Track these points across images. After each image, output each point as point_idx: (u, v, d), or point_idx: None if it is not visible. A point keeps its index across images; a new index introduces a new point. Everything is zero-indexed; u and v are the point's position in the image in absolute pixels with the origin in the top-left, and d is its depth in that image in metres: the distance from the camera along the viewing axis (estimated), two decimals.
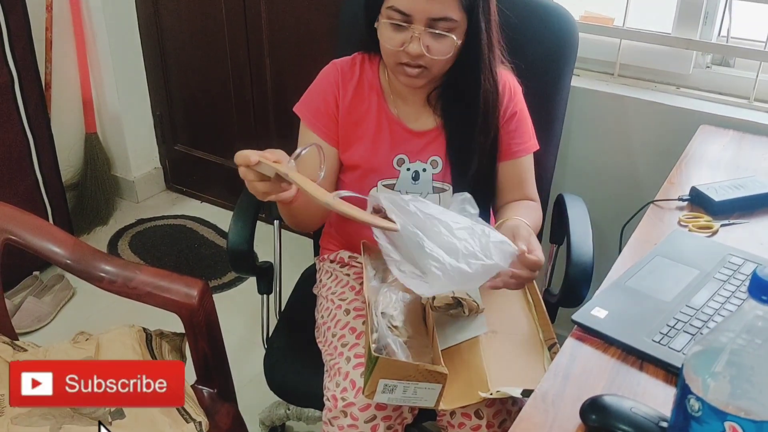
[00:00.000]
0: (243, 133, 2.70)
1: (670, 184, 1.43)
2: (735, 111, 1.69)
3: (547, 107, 1.54)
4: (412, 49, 1.21)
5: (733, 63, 1.79)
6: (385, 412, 1.20)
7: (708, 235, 1.26)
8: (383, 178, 1.38)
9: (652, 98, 1.75)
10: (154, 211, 2.84)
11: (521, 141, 1.38)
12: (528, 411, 0.91)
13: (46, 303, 2.26)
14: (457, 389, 1.13)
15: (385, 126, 1.37)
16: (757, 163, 1.50)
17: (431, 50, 1.22)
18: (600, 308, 1.05)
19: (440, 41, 1.22)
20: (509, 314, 1.26)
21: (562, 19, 1.52)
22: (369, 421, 1.19)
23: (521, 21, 1.47)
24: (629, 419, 0.85)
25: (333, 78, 1.38)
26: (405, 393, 1.10)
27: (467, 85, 1.30)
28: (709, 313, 1.04)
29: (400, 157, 1.37)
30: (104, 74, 2.68)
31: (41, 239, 1.35)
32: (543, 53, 1.51)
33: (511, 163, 1.39)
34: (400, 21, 1.21)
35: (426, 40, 1.21)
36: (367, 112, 1.37)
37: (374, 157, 1.37)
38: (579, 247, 1.37)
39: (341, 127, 1.38)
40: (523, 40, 1.48)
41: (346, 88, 1.37)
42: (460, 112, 1.33)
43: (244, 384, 1.46)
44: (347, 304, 1.36)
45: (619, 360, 0.99)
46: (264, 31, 2.42)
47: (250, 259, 1.45)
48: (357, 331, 1.30)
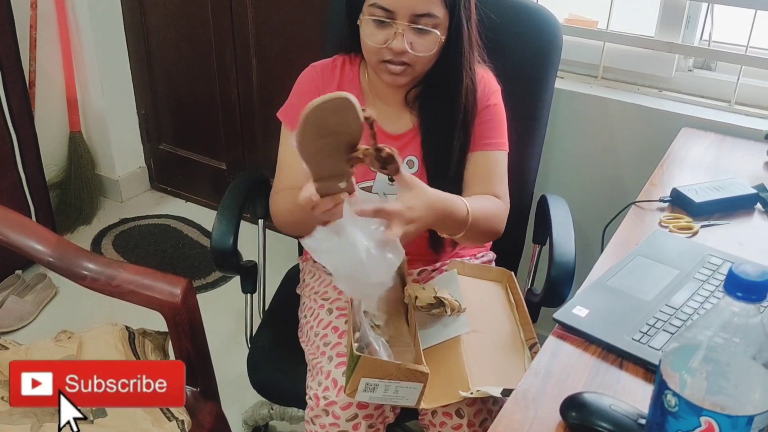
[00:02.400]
0: (228, 133, 2.69)
1: (652, 186, 1.44)
2: (716, 114, 1.72)
3: (531, 109, 1.55)
4: (395, 45, 1.21)
5: (714, 66, 1.81)
6: (366, 411, 1.20)
7: (688, 235, 1.28)
8: (360, 181, 1.35)
9: (634, 101, 1.77)
10: (138, 211, 2.83)
11: (494, 135, 1.36)
12: (509, 408, 0.92)
13: (29, 302, 2.24)
14: (438, 388, 1.13)
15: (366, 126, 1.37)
16: (738, 166, 1.52)
17: (415, 47, 1.22)
18: (581, 307, 1.06)
19: (424, 37, 1.22)
20: (491, 314, 1.26)
21: (546, 21, 1.53)
22: (350, 419, 1.20)
23: (505, 22, 1.48)
24: (608, 416, 0.86)
25: (313, 81, 1.38)
26: (386, 392, 1.10)
27: (448, 83, 1.30)
28: (688, 312, 1.05)
29: None
30: (89, 73, 2.67)
31: (23, 236, 1.34)
32: (527, 55, 1.52)
33: (480, 155, 1.35)
34: (383, 17, 1.21)
35: (409, 37, 1.21)
36: None
37: None
38: (561, 248, 1.37)
39: None
40: (508, 41, 1.49)
41: (326, 91, 1.35)
42: (438, 111, 1.32)
43: (227, 384, 1.46)
44: (330, 304, 1.37)
45: (599, 358, 1.00)
46: (250, 30, 2.42)
47: (234, 257, 1.45)
48: (339, 330, 1.30)
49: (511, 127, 1.41)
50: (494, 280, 1.35)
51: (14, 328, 2.18)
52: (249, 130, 2.63)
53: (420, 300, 1.20)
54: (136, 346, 1.35)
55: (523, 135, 1.50)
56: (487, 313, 1.26)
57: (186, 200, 2.92)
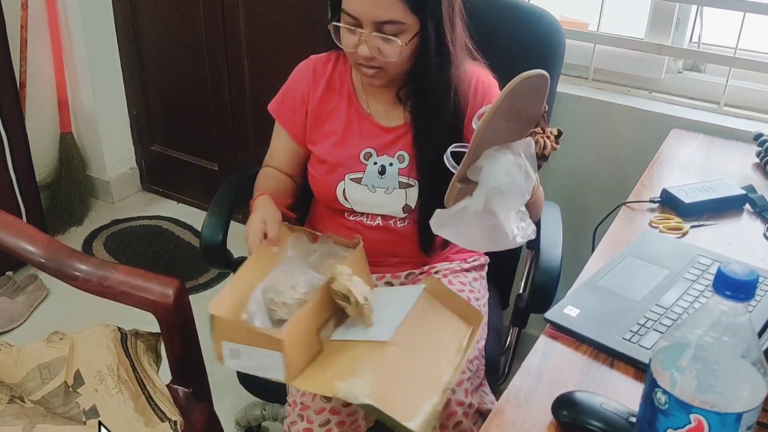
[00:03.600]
0: (220, 134, 2.69)
1: (642, 186, 1.45)
2: (705, 115, 1.73)
3: None
4: (361, 51, 1.23)
5: (704, 68, 1.83)
6: (339, 417, 1.20)
7: (678, 236, 1.29)
8: (350, 172, 1.38)
9: (625, 102, 1.78)
10: (130, 212, 2.82)
11: None
12: (500, 407, 0.93)
13: (20, 303, 2.23)
14: (321, 376, 1.07)
15: (355, 121, 1.39)
16: (727, 167, 1.53)
17: (382, 52, 1.23)
18: (572, 307, 1.07)
19: (390, 44, 1.22)
20: (428, 342, 1.14)
21: (550, 26, 1.53)
22: (323, 425, 1.20)
23: (508, 26, 1.51)
24: (599, 414, 0.86)
25: (305, 75, 1.41)
26: (251, 360, 1.07)
27: (429, 84, 1.30)
28: (678, 312, 1.06)
29: (367, 150, 1.38)
30: (80, 73, 2.66)
31: (15, 237, 1.34)
32: (529, 59, 1.50)
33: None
34: (350, 24, 1.23)
35: (376, 43, 1.22)
36: (337, 107, 1.39)
37: (341, 152, 1.39)
38: (547, 253, 1.38)
39: (309, 121, 1.41)
40: (510, 45, 1.51)
41: (317, 84, 1.40)
42: (427, 109, 1.34)
43: (219, 384, 1.46)
44: None
45: (590, 357, 1.01)
46: (242, 31, 2.42)
47: (223, 253, 1.45)
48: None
49: None
50: (463, 317, 1.18)
51: (5, 330, 2.18)
52: (241, 130, 2.63)
53: (335, 283, 1.13)
54: (128, 347, 1.34)
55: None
56: (425, 339, 1.14)
57: (178, 201, 2.92)
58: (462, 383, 1.22)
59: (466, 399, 1.21)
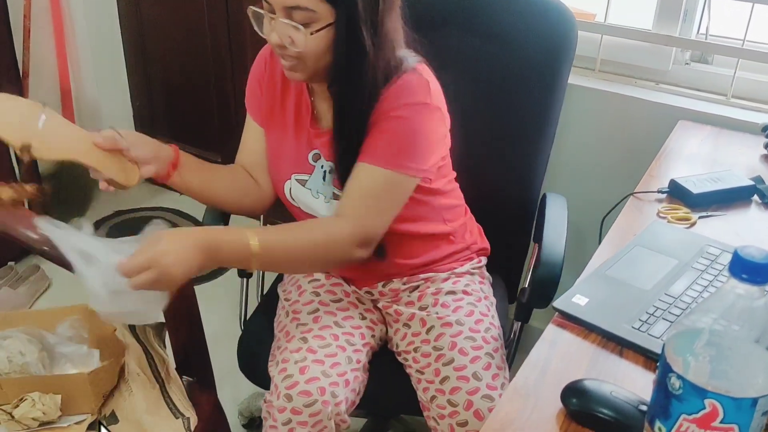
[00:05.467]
0: (223, 125, 2.68)
1: (650, 177, 1.45)
2: (713, 107, 1.72)
3: (542, 105, 1.53)
4: (271, 38, 1.16)
5: (711, 60, 1.82)
6: (300, 417, 1.18)
7: (686, 226, 1.28)
8: (297, 172, 1.32)
9: (632, 93, 1.77)
10: (133, 203, 2.81)
11: (388, 151, 1.20)
12: (509, 395, 0.92)
13: (21, 293, 2.23)
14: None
15: (305, 116, 1.32)
16: (734, 158, 1.52)
17: (293, 42, 1.14)
18: (581, 296, 1.07)
19: (298, 33, 1.13)
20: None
21: (562, 16, 1.51)
22: (285, 424, 1.19)
23: (518, 16, 1.49)
24: (609, 402, 0.86)
25: (262, 57, 1.37)
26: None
27: (343, 83, 1.21)
28: (687, 302, 1.06)
29: (316, 152, 1.31)
30: (83, 63, 2.65)
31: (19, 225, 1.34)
32: (540, 50, 1.50)
33: (361, 166, 1.22)
34: (265, 10, 1.16)
35: (287, 31, 1.13)
36: (290, 97, 1.33)
37: (290, 148, 1.33)
38: (549, 248, 1.36)
39: (264, 105, 1.36)
40: (520, 36, 1.49)
41: (275, 67, 1.33)
42: (343, 111, 1.24)
43: (222, 375, 1.46)
44: (293, 314, 1.36)
45: (599, 346, 1.00)
46: (246, 22, 2.40)
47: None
48: (290, 335, 1.30)
49: (519, 125, 1.40)
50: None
51: None
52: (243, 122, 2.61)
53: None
54: (137, 333, 1.34)
55: (533, 132, 1.50)
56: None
57: (180, 193, 2.90)
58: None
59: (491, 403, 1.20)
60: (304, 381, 1.19)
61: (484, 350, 1.25)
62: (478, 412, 1.19)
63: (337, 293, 1.39)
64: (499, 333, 1.32)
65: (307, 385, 1.19)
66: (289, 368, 1.22)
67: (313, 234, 1.21)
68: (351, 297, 1.40)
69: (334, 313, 1.34)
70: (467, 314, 1.31)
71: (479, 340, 1.27)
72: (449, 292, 1.36)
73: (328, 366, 1.23)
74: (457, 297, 1.35)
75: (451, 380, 1.23)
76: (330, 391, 1.19)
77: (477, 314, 1.32)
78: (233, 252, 1.14)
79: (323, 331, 1.29)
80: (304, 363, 1.22)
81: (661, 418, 0.72)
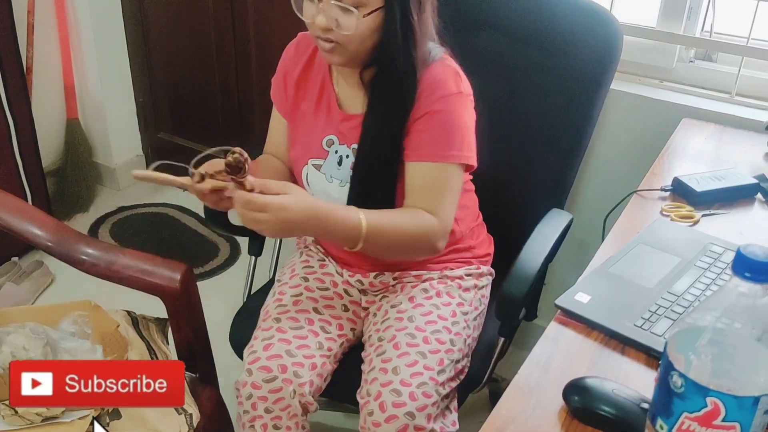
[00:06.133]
0: (227, 122, 2.68)
1: (653, 175, 1.44)
2: (717, 105, 1.71)
3: (582, 115, 1.51)
4: (318, 21, 1.17)
5: (715, 58, 1.81)
6: (260, 392, 1.23)
7: (689, 224, 1.28)
8: (313, 157, 1.34)
9: (636, 91, 1.76)
10: (136, 199, 2.81)
11: (433, 146, 1.25)
12: (511, 392, 0.92)
13: (25, 289, 2.23)
14: None
15: (325, 103, 1.34)
16: (738, 156, 1.52)
17: (340, 24, 1.16)
18: (583, 293, 1.07)
19: (348, 16, 1.15)
20: None
21: (607, 24, 1.49)
22: (248, 398, 1.24)
23: (565, 23, 1.49)
24: (611, 400, 0.86)
25: (288, 51, 1.40)
26: None
27: (389, 70, 1.23)
28: (690, 300, 1.06)
29: (329, 137, 1.33)
30: (87, 59, 2.65)
31: (22, 221, 1.34)
32: (585, 58, 1.49)
33: (418, 166, 1.26)
34: None
35: (333, 13, 1.15)
36: (312, 87, 1.35)
37: (307, 135, 1.35)
38: (524, 263, 1.29)
39: (290, 99, 1.38)
40: (565, 43, 1.49)
41: (298, 60, 1.37)
42: (381, 98, 1.26)
43: (225, 371, 1.46)
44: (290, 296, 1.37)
45: (601, 344, 1.00)
46: (250, 18, 2.41)
47: (223, 216, 1.44)
48: (268, 314, 1.34)
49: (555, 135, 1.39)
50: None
51: None
52: (248, 118, 2.62)
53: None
54: (140, 329, 1.34)
55: (568, 144, 1.49)
56: None
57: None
58: (425, 408, 1.18)
59: (427, 425, 1.18)
60: (265, 357, 1.24)
61: (418, 349, 1.24)
62: (383, 405, 1.19)
63: (325, 282, 1.41)
64: (453, 340, 1.28)
65: (268, 362, 1.24)
66: (255, 345, 1.27)
67: (412, 223, 1.25)
68: (338, 288, 1.41)
69: (316, 299, 1.37)
70: (424, 313, 1.31)
71: (418, 338, 1.26)
72: (424, 289, 1.36)
73: (294, 347, 1.26)
74: (427, 295, 1.35)
75: (375, 371, 1.24)
76: (293, 371, 1.23)
77: (434, 316, 1.31)
78: (344, 225, 1.18)
79: (300, 314, 1.33)
80: (270, 341, 1.27)
81: (663, 416, 0.72)
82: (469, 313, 1.37)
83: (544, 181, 1.51)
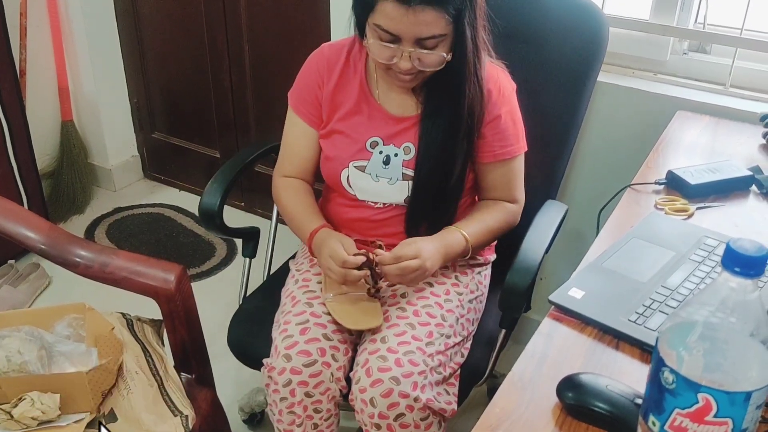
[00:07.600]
0: (221, 121, 2.68)
1: (647, 168, 1.44)
2: (711, 97, 1.71)
3: (570, 107, 1.53)
4: (402, 65, 1.23)
5: (709, 50, 1.81)
6: (300, 377, 1.23)
7: (684, 217, 1.28)
8: (355, 159, 1.38)
9: (629, 84, 1.76)
10: (132, 200, 2.82)
11: (505, 144, 1.38)
12: (505, 389, 0.92)
13: (22, 291, 2.23)
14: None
15: (365, 109, 1.38)
16: (732, 148, 1.52)
17: (422, 63, 1.23)
18: (577, 289, 1.06)
19: (430, 55, 1.22)
20: None
21: (593, 17, 1.51)
22: (286, 385, 1.23)
23: (549, 18, 1.50)
24: (605, 396, 0.85)
25: (318, 64, 1.40)
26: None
27: (452, 82, 1.29)
28: (684, 293, 1.05)
29: (374, 139, 1.37)
30: (80, 61, 2.65)
31: (16, 224, 1.33)
32: (571, 52, 1.50)
33: (495, 166, 1.39)
34: (388, 42, 1.21)
35: (415, 55, 1.21)
36: (350, 93, 1.38)
37: (348, 138, 1.38)
38: (526, 254, 1.32)
39: (324, 111, 1.40)
40: (552, 37, 1.50)
41: (331, 73, 1.38)
42: (441, 105, 1.32)
43: (222, 372, 1.46)
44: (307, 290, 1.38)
45: (595, 339, 1.00)
46: (243, 17, 2.40)
47: (218, 218, 1.47)
48: (296, 299, 1.34)
49: (544, 129, 1.40)
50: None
51: None
52: (242, 117, 2.62)
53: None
54: (136, 332, 1.34)
55: (557, 137, 1.50)
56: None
57: (180, 189, 2.91)
58: (411, 375, 1.20)
59: (413, 392, 1.19)
60: (304, 341, 1.25)
61: (407, 321, 1.28)
62: (369, 370, 1.21)
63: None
64: (444, 315, 1.32)
65: (306, 345, 1.24)
66: (290, 329, 1.27)
67: (499, 218, 1.41)
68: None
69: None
70: (417, 290, 1.36)
71: (408, 311, 1.30)
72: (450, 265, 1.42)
73: (330, 330, 1.28)
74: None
75: (365, 342, 1.27)
76: (331, 354, 1.25)
77: (427, 292, 1.35)
78: (459, 247, 1.34)
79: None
80: (306, 325, 1.27)
81: (655, 412, 0.72)
82: (464, 294, 1.40)
83: (536, 173, 1.51)
